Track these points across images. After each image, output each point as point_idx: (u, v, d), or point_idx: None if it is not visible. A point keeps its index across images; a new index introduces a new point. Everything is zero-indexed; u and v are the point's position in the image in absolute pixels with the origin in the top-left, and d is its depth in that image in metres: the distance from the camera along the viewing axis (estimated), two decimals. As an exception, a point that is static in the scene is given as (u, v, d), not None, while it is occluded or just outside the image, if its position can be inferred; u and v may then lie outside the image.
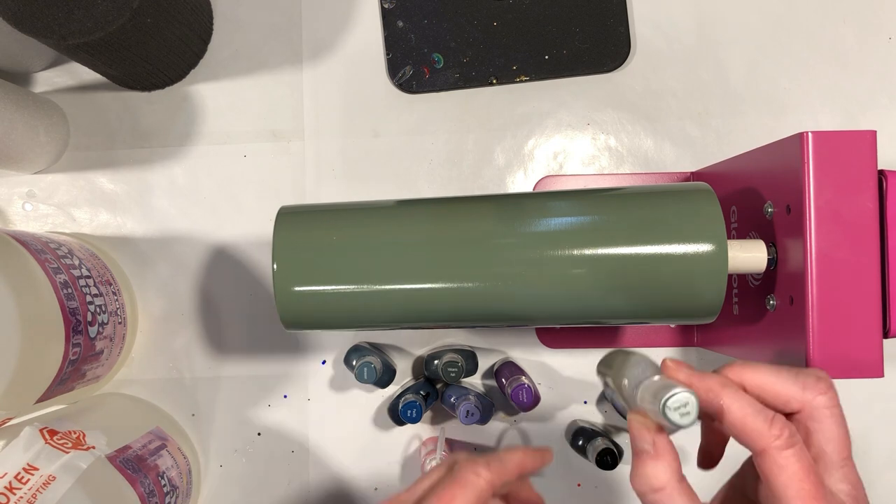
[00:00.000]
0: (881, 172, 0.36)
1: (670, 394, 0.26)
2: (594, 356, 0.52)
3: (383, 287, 0.36)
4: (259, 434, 0.53)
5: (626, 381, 0.30)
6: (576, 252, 0.35)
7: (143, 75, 0.50)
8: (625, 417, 0.29)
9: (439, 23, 0.51)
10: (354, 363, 0.48)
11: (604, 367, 0.32)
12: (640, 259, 0.35)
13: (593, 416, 0.52)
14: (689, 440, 0.34)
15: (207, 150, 0.52)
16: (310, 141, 0.52)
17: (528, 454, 0.35)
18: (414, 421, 0.47)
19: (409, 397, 0.47)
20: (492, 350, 0.52)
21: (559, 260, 0.35)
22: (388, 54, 0.52)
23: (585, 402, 0.52)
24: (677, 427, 0.26)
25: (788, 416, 0.30)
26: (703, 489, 0.30)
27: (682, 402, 0.26)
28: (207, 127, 0.53)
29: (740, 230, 0.42)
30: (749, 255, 0.37)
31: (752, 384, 0.30)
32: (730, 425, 0.28)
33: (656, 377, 0.28)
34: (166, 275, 0.52)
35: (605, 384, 0.31)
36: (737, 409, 0.28)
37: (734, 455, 0.33)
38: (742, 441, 0.28)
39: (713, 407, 0.28)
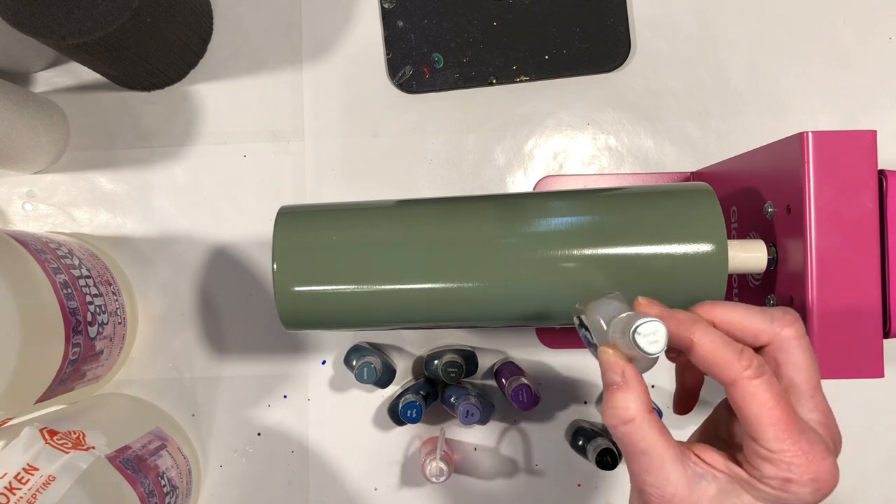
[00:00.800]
0: (881, 172, 0.36)
1: (640, 322, 0.27)
2: (594, 357, 0.52)
3: (383, 287, 0.36)
4: (259, 434, 0.53)
5: (599, 318, 0.30)
6: (576, 252, 0.35)
7: (143, 75, 0.50)
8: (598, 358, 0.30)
9: (439, 23, 0.51)
10: (354, 363, 0.48)
11: (580, 306, 0.32)
12: (640, 259, 0.35)
13: (593, 416, 0.52)
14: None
15: (207, 150, 0.52)
16: (310, 141, 0.52)
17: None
18: (414, 421, 0.47)
19: (409, 397, 0.47)
20: (492, 350, 0.52)
21: (559, 260, 0.35)
22: (388, 54, 0.52)
23: (585, 402, 0.52)
24: (647, 355, 0.27)
25: (758, 350, 0.30)
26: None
27: (651, 330, 0.27)
28: (207, 127, 0.53)
29: (740, 230, 0.42)
30: (749, 255, 0.37)
31: (722, 320, 0.30)
32: (700, 358, 0.28)
33: (628, 312, 0.29)
34: (166, 275, 0.52)
35: (580, 323, 0.31)
36: (706, 342, 0.28)
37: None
38: (712, 374, 0.28)
39: (684, 341, 0.29)
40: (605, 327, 0.30)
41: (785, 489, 0.27)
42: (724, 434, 0.32)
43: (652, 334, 0.27)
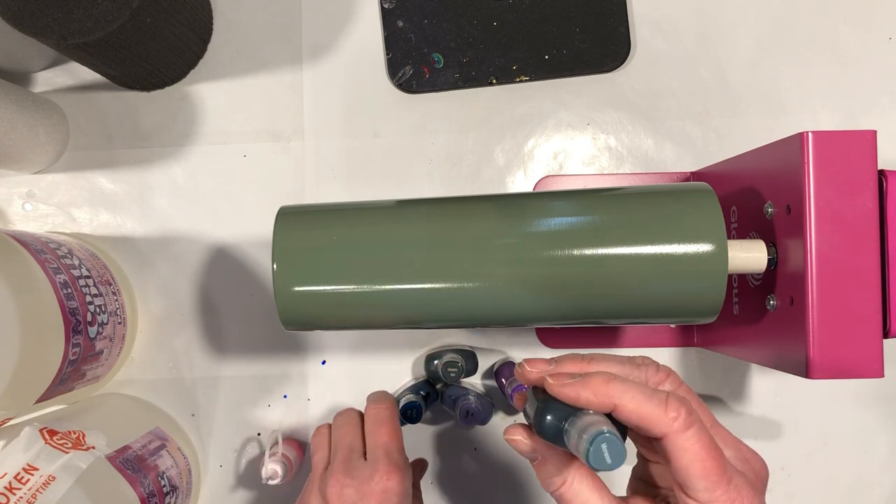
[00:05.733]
0: (881, 172, 0.36)
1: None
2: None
3: (383, 287, 0.36)
4: (259, 434, 0.53)
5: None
6: (576, 252, 0.35)
7: (142, 75, 0.50)
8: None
9: (439, 23, 0.51)
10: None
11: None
12: (640, 259, 0.35)
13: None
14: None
15: (207, 150, 0.52)
16: (310, 141, 0.52)
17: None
18: (414, 421, 0.47)
19: (410, 397, 0.47)
20: (492, 350, 0.52)
21: (560, 260, 0.35)
22: (388, 54, 0.52)
23: (585, 402, 0.52)
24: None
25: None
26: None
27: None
28: (207, 127, 0.53)
29: (740, 230, 0.42)
30: (749, 255, 0.37)
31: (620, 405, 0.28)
32: (626, 418, 0.27)
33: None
34: (166, 275, 0.52)
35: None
36: (628, 400, 0.27)
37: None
38: (641, 430, 0.27)
39: (605, 405, 0.28)
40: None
41: None
42: (647, 477, 0.33)
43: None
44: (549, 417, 0.28)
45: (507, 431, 0.31)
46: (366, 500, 0.37)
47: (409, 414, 0.46)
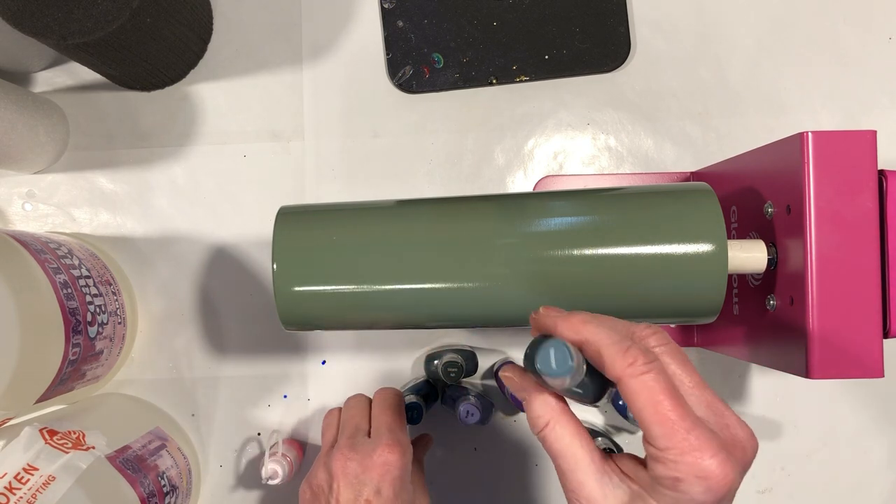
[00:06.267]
0: (881, 172, 0.36)
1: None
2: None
3: (383, 287, 0.36)
4: (259, 434, 0.53)
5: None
6: (576, 252, 0.35)
7: (142, 75, 0.50)
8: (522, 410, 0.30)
9: (439, 23, 0.51)
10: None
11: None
12: (640, 259, 0.35)
13: (593, 416, 0.52)
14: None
15: (207, 150, 0.52)
16: (310, 141, 0.52)
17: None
18: (415, 422, 0.47)
19: (410, 398, 0.47)
20: (492, 350, 0.52)
21: (559, 260, 0.35)
22: (388, 54, 0.52)
23: (585, 402, 0.52)
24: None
25: None
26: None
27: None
28: (207, 127, 0.53)
29: (740, 230, 0.42)
30: (749, 255, 0.37)
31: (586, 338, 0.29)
32: (588, 357, 0.28)
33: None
34: (166, 275, 0.52)
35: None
36: (591, 337, 0.28)
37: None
38: (603, 371, 0.28)
39: (578, 341, 0.28)
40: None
41: (675, 488, 0.26)
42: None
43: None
44: (532, 348, 0.28)
45: (502, 369, 0.31)
46: (368, 472, 0.39)
47: (410, 415, 0.46)
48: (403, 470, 0.40)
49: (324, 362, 0.52)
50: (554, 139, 0.52)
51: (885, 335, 0.36)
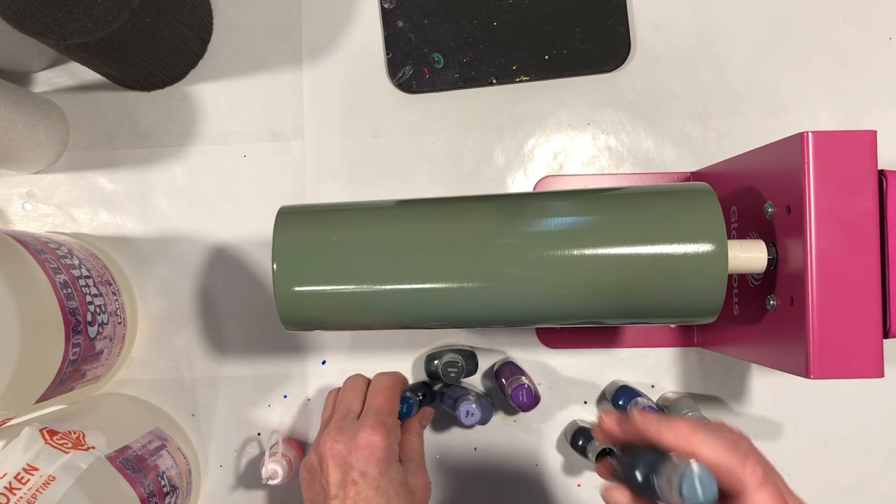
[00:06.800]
0: (881, 172, 0.36)
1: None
2: (594, 356, 0.52)
3: (383, 287, 0.36)
4: (259, 434, 0.53)
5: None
6: (576, 252, 0.35)
7: (142, 75, 0.50)
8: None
9: (439, 23, 0.51)
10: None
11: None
12: (640, 259, 0.35)
13: (593, 416, 0.52)
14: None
15: (207, 150, 0.52)
16: (310, 141, 0.52)
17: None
18: (404, 416, 0.46)
19: (408, 396, 0.47)
20: (492, 350, 0.52)
21: (559, 260, 0.35)
22: (388, 54, 0.52)
23: (585, 402, 0.52)
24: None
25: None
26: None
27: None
28: (207, 127, 0.53)
29: (740, 230, 0.42)
30: (749, 255, 0.37)
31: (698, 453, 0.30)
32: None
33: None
34: (166, 275, 0.52)
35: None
36: (709, 449, 0.28)
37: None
38: (718, 480, 0.28)
39: (685, 450, 0.29)
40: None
41: None
42: None
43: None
44: (637, 465, 0.29)
45: (606, 491, 0.32)
46: (353, 454, 0.40)
47: (400, 409, 0.46)
48: (388, 451, 0.41)
49: (324, 362, 0.52)
50: (554, 139, 0.52)
51: (885, 335, 0.36)
